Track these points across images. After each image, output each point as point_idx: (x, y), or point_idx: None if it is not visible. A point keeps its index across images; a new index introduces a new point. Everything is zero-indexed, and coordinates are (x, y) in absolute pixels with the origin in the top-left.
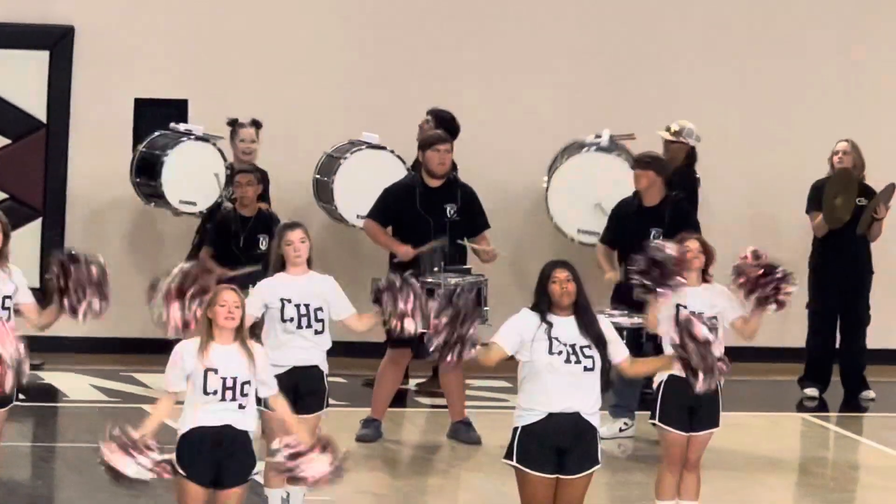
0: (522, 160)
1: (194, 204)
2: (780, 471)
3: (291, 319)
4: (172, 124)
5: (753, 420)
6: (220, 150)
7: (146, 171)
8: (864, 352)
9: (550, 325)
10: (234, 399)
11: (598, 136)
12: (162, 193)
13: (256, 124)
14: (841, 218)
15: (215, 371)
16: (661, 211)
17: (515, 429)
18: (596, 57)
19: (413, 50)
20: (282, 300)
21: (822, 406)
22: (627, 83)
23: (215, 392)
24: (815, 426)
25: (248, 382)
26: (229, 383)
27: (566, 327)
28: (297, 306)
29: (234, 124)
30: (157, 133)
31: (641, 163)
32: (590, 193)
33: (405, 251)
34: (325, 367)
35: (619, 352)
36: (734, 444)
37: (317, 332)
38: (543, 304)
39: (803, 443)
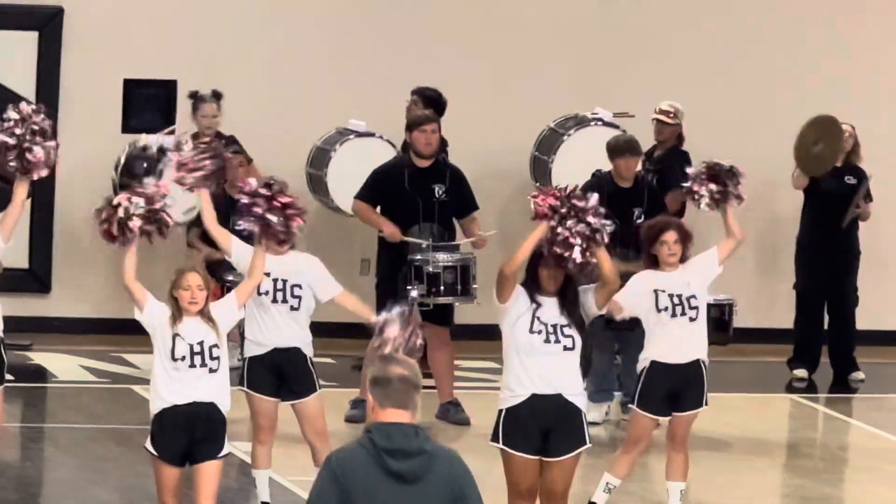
0: (510, 136)
1: (194, 209)
2: (768, 452)
3: (267, 293)
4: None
5: (742, 401)
6: None
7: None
8: (854, 333)
9: (538, 305)
10: (203, 364)
11: (596, 114)
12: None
13: (217, 96)
14: (822, 166)
15: (182, 338)
16: (640, 191)
17: (500, 411)
18: (585, 34)
19: (401, 28)
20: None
21: (811, 387)
22: (617, 60)
23: (183, 358)
24: (805, 407)
25: (216, 346)
26: (196, 348)
27: (549, 307)
28: (275, 280)
29: (194, 97)
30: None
31: (635, 150)
32: (594, 168)
33: (392, 232)
34: (308, 351)
35: (591, 294)
36: (723, 425)
37: (292, 308)
38: (533, 283)
39: (792, 424)
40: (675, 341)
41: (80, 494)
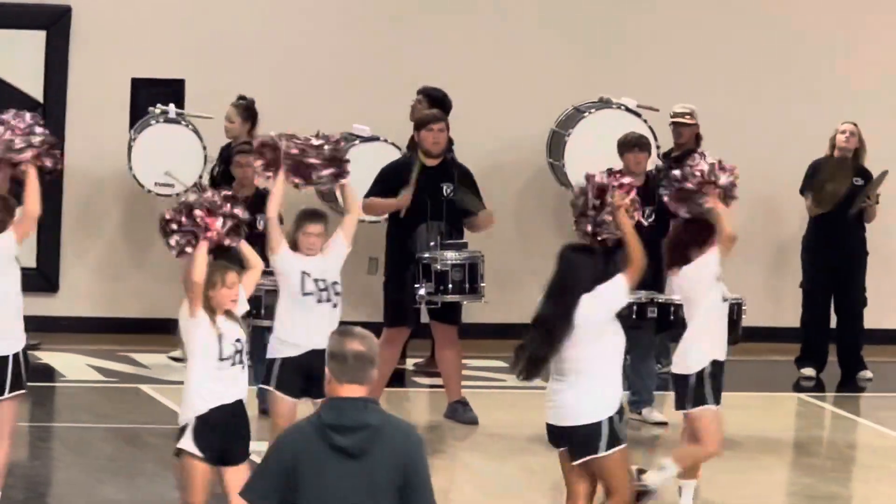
0: (518, 133)
1: (171, 186)
2: (776, 451)
3: (311, 294)
4: (155, 106)
5: (750, 400)
6: (195, 131)
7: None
8: (861, 332)
9: None
10: (241, 361)
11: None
12: (134, 177)
13: (240, 104)
14: (829, 203)
15: (226, 337)
16: (651, 189)
17: (610, 418)
18: (591, 31)
19: (406, 26)
20: (302, 273)
21: (818, 386)
22: (625, 58)
23: (228, 357)
24: (812, 406)
25: (244, 341)
26: (238, 346)
27: None
28: (316, 281)
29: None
30: (147, 115)
31: (645, 146)
32: (609, 151)
33: (401, 200)
34: None
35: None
36: (731, 424)
37: (334, 306)
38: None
39: (800, 423)
40: (723, 336)
41: (88, 494)
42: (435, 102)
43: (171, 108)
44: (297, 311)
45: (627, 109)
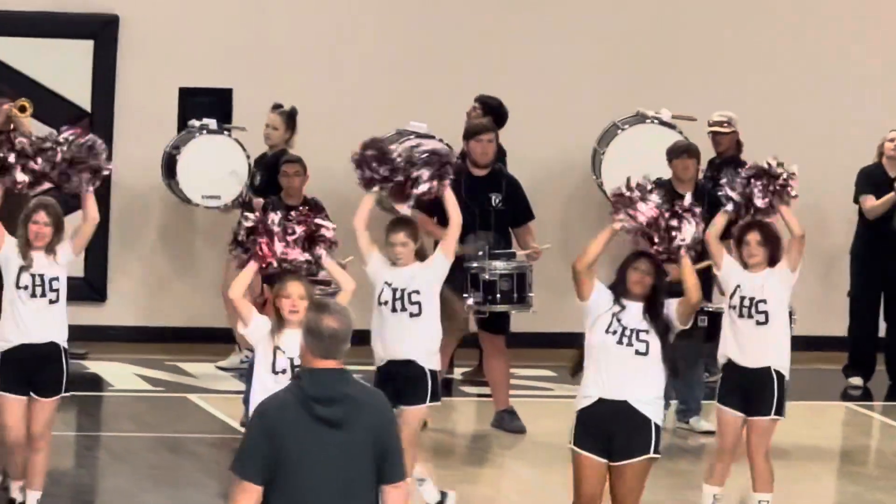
0: (570, 143)
1: (218, 198)
2: (824, 460)
3: (386, 303)
4: (191, 121)
5: (797, 409)
6: (237, 141)
7: (169, 171)
8: None
9: (622, 308)
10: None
11: (658, 113)
12: (181, 192)
13: (284, 112)
14: None
15: (283, 351)
16: (699, 198)
17: (577, 412)
18: (640, 39)
19: (459, 35)
20: (385, 283)
21: (866, 395)
22: (673, 66)
23: (284, 371)
24: (860, 415)
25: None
26: (295, 362)
27: (633, 311)
28: (394, 290)
29: (273, 109)
30: (183, 132)
31: (693, 152)
32: (645, 165)
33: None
34: (426, 361)
35: (672, 307)
36: (778, 433)
37: (412, 315)
38: (620, 286)
39: (847, 431)
40: (743, 343)
41: (133, 503)
42: (491, 111)
43: (207, 121)
44: (378, 320)
45: (661, 122)
